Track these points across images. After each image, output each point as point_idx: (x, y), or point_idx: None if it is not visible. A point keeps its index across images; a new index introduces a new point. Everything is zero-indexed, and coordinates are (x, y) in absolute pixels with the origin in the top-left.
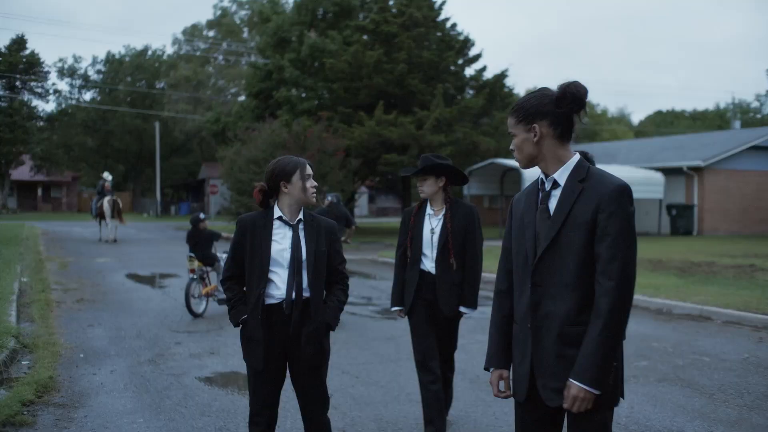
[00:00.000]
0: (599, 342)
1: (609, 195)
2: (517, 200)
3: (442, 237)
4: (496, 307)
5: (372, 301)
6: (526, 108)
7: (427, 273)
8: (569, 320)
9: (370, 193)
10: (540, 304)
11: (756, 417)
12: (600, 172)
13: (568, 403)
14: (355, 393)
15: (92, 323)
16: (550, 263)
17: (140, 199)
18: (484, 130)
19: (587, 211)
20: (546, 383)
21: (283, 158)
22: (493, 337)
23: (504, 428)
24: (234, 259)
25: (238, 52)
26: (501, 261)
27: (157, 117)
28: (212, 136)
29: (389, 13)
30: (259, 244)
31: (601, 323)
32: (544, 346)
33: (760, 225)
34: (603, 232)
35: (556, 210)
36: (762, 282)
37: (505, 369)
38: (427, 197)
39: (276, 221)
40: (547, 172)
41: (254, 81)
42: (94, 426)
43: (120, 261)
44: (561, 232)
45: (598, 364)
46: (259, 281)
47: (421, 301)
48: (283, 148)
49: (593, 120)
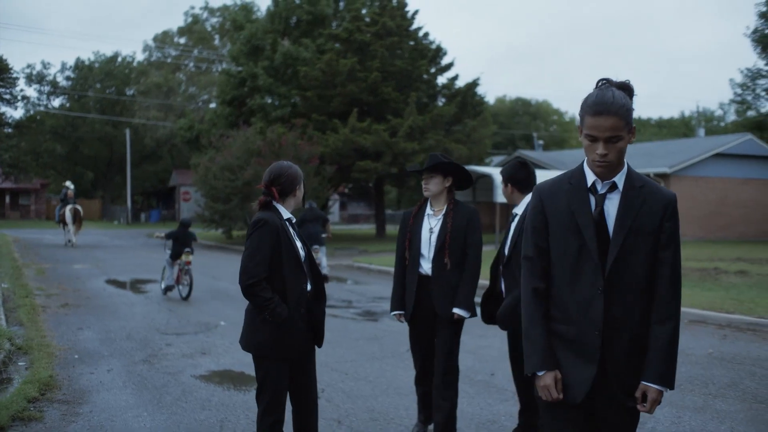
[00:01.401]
0: (672, 344)
1: (673, 205)
2: (550, 197)
3: (441, 237)
4: (534, 307)
5: (352, 304)
6: (630, 110)
7: (424, 276)
8: (639, 323)
9: (341, 200)
10: (612, 309)
11: (720, 404)
12: (649, 180)
13: (647, 406)
14: (346, 388)
15: (81, 326)
16: (620, 269)
17: (110, 206)
18: (456, 137)
19: (654, 219)
20: (618, 385)
21: (290, 165)
22: (540, 337)
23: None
24: (269, 259)
25: (209, 59)
26: (534, 260)
27: (127, 124)
28: (185, 144)
29: (362, 22)
30: (289, 243)
31: (673, 325)
32: (615, 350)
33: (724, 230)
34: (669, 239)
35: (621, 215)
36: (725, 284)
37: (558, 370)
38: (432, 196)
39: (286, 222)
40: (606, 175)
41: (227, 88)
42: (101, 420)
43: (97, 267)
44: (627, 238)
45: (673, 365)
46: (299, 276)
47: (422, 308)
48: (258, 155)
49: (562, 128)
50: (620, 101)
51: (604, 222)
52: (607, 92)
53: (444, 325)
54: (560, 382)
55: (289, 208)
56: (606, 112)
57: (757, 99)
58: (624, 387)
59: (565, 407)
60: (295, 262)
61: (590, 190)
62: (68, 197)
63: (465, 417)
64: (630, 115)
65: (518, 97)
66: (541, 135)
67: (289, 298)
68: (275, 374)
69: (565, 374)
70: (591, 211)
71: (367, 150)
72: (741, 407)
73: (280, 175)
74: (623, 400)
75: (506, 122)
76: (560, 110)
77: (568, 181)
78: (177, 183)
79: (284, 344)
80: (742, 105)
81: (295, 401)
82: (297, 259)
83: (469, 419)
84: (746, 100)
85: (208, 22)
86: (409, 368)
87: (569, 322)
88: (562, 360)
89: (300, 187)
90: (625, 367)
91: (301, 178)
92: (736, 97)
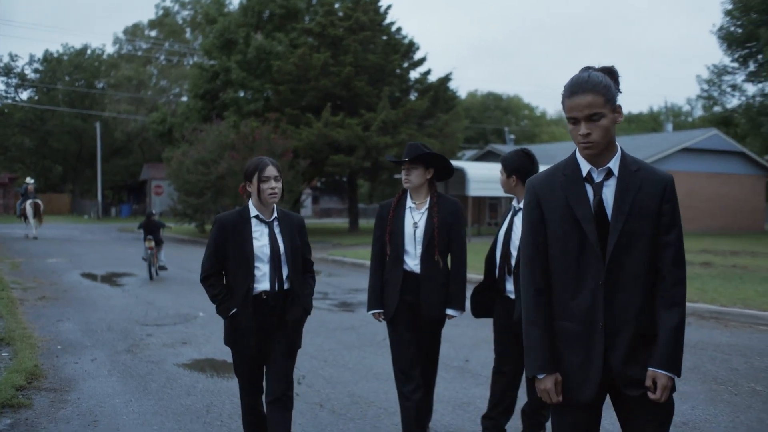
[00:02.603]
0: (679, 329)
1: (671, 186)
2: (545, 192)
3: (428, 232)
4: (535, 307)
5: (328, 296)
6: (609, 86)
7: (410, 273)
8: (642, 311)
9: (313, 194)
10: (614, 300)
11: (683, 386)
12: (644, 163)
13: (658, 393)
14: (326, 374)
15: (60, 318)
16: (621, 257)
17: (80, 200)
18: (428, 131)
19: (653, 202)
20: (625, 376)
21: (253, 159)
22: (542, 339)
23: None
24: (215, 256)
25: (180, 52)
26: (533, 258)
27: (98, 117)
28: (158, 137)
29: (335, 16)
30: (242, 242)
31: (680, 310)
32: (620, 341)
33: (691, 224)
34: (670, 221)
35: (618, 201)
36: (691, 274)
37: (558, 373)
38: (413, 188)
39: (253, 219)
40: (599, 162)
41: (200, 82)
42: (90, 406)
43: (71, 261)
44: (627, 224)
45: (679, 350)
46: (246, 276)
47: (405, 306)
48: (232, 149)
49: (533, 122)
50: (596, 79)
51: (604, 211)
52: (583, 73)
53: (428, 325)
54: (560, 385)
55: (256, 204)
56: (581, 90)
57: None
58: (629, 378)
59: (575, 408)
60: (242, 261)
61: (586, 180)
62: (29, 192)
63: (442, 400)
64: (609, 93)
65: (490, 92)
66: (512, 129)
67: (235, 295)
68: (237, 363)
69: (573, 374)
70: (590, 202)
71: (341, 144)
72: (702, 388)
73: (244, 172)
74: (630, 391)
75: (478, 117)
76: (531, 105)
77: (563, 173)
78: (148, 177)
79: (234, 340)
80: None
81: (266, 392)
82: (245, 258)
83: (446, 402)
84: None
85: (180, 15)
86: (386, 356)
87: (573, 318)
88: (568, 359)
89: (252, 183)
90: (629, 358)
91: (251, 174)
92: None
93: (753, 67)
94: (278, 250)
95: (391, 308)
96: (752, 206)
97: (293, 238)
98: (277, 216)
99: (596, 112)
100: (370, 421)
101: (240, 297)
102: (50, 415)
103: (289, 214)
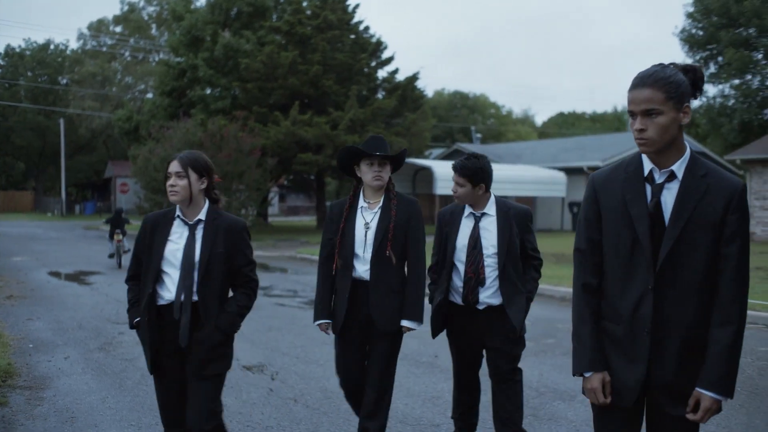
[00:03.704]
0: (733, 349)
1: (739, 195)
2: (604, 187)
3: (380, 233)
4: (585, 303)
5: (298, 293)
6: (677, 84)
7: (359, 281)
8: (694, 324)
9: (280, 192)
10: (663, 308)
11: None
12: (716, 168)
13: (699, 415)
14: (299, 370)
15: (30, 317)
16: (674, 264)
17: (43, 198)
18: (396, 130)
19: (716, 211)
20: (667, 390)
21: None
22: (589, 336)
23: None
24: (136, 257)
25: (146, 48)
26: (585, 254)
27: (61, 114)
28: (124, 135)
29: (303, 15)
30: (156, 244)
31: (734, 329)
32: (666, 352)
33: None
34: (733, 233)
35: (678, 206)
36: None
37: (606, 372)
38: (382, 187)
39: (176, 220)
40: (662, 162)
41: (167, 79)
42: (66, 403)
43: (37, 260)
44: (684, 231)
45: (732, 372)
46: (152, 282)
47: (354, 319)
48: (200, 146)
49: (499, 121)
50: (661, 74)
51: (661, 214)
52: (654, 67)
53: (381, 338)
54: (609, 385)
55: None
56: (641, 84)
57: None
58: (672, 393)
59: (616, 411)
60: (151, 265)
61: (647, 180)
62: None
63: (412, 394)
64: (673, 90)
65: (456, 91)
66: (479, 128)
67: (141, 304)
68: (155, 386)
69: (615, 376)
70: (646, 202)
71: (309, 142)
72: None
73: None
74: (669, 408)
75: (445, 115)
76: (497, 104)
77: (624, 170)
78: (113, 174)
79: (144, 353)
80: None
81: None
82: (153, 262)
83: (416, 396)
84: None
85: (145, 11)
86: None
87: (619, 320)
88: (611, 361)
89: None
90: (675, 371)
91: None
92: None
93: (714, 69)
94: (192, 257)
95: (339, 321)
96: None
97: (216, 245)
98: (205, 218)
99: (653, 108)
100: (343, 415)
101: (144, 306)
102: (27, 413)
103: (223, 217)
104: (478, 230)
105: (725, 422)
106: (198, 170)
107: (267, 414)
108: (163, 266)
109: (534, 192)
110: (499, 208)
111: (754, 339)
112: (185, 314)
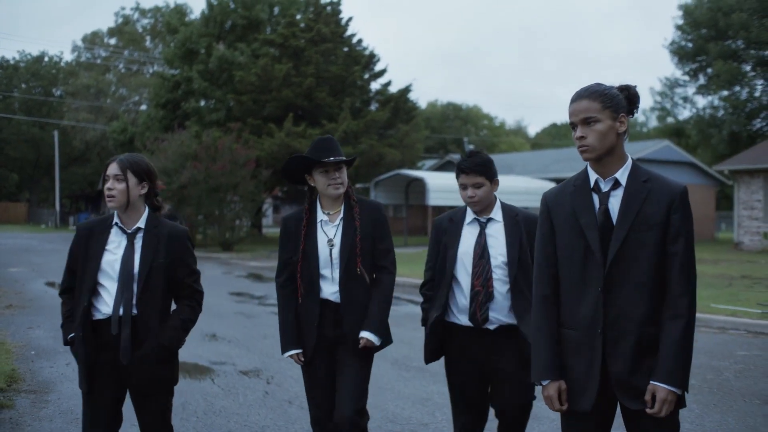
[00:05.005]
0: (684, 341)
1: (681, 195)
2: (555, 202)
3: (345, 249)
4: (543, 314)
5: None
6: (611, 96)
7: (328, 302)
8: (647, 321)
9: (274, 203)
10: (613, 307)
11: None
12: (657, 174)
13: (656, 407)
14: (293, 374)
15: (31, 326)
16: (622, 265)
17: (37, 209)
18: (389, 142)
19: (659, 212)
20: (624, 387)
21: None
22: (546, 345)
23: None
24: (69, 269)
25: (140, 60)
26: (542, 265)
27: (56, 126)
28: (119, 146)
29: (297, 27)
30: (92, 254)
31: (684, 322)
32: (620, 350)
33: None
34: (677, 231)
35: (623, 210)
36: None
37: (562, 380)
38: (341, 194)
39: (114, 228)
40: (606, 172)
41: (162, 91)
42: (70, 405)
43: (34, 270)
44: (630, 233)
45: (684, 364)
46: (87, 295)
47: (325, 344)
48: (194, 158)
49: (492, 132)
50: (596, 87)
51: (610, 221)
52: (588, 85)
53: (350, 358)
54: (564, 393)
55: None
56: (578, 97)
57: (675, 107)
58: (630, 390)
59: (578, 416)
60: (85, 276)
61: (594, 190)
62: None
63: (402, 397)
64: (608, 101)
65: (449, 102)
66: (471, 139)
67: (76, 318)
68: (84, 405)
69: (574, 381)
70: (594, 210)
71: None
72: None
73: None
74: (629, 404)
75: (437, 126)
76: (490, 115)
77: (573, 184)
78: None
79: (79, 371)
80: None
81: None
82: (88, 273)
83: (406, 398)
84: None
85: (140, 23)
86: None
87: (577, 326)
88: (573, 367)
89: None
90: (630, 368)
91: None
92: (656, 105)
93: (703, 80)
94: (131, 268)
95: (309, 350)
96: (703, 215)
97: (157, 255)
98: (145, 226)
99: (591, 116)
100: None
101: (78, 321)
102: (33, 414)
103: (162, 226)
104: (485, 237)
105: (699, 420)
106: (138, 174)
107: (263, 415)
108: (99, 278)
109: (525, 203)
110: (506, 213)
111: (733, 343)
112: (125, 330)
